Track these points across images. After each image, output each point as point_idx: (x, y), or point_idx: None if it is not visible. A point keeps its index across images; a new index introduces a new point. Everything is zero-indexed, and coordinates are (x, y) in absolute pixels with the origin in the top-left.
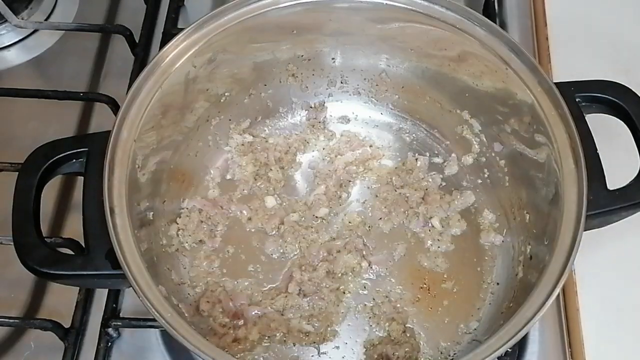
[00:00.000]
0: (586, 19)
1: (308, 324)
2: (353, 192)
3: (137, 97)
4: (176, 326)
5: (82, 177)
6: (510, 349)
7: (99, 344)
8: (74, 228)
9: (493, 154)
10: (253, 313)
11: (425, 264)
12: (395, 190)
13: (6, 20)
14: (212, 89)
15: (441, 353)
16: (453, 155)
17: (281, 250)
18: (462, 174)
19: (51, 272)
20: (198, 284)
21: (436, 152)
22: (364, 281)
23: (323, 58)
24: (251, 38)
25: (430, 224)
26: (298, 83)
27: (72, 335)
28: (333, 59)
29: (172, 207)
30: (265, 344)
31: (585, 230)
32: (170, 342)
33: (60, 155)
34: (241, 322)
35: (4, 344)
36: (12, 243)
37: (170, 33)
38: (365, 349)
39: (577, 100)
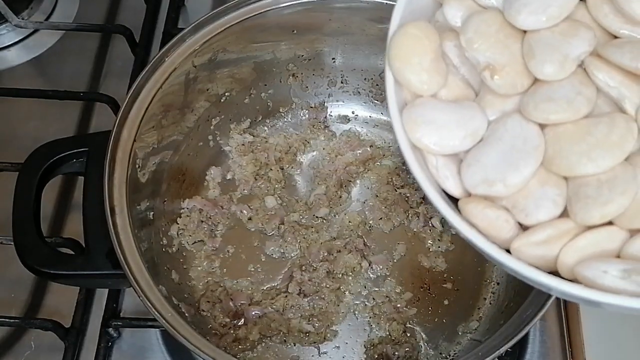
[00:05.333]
0: None
1: (308, 323)
2: (353, 192)
3: (137, 97)
4: (176, 326)
5: (83, 177)
6: (510, 348)
7: (99, 343)
8: (74, 228)
9: None
10: (253, 313)
11: (426, 264)
12: (396, 190)
13: (6, 20)
14: (212, 89)
15: (441, 353)
16: None
17: (281, 250)
18: None
19: (51, 272)
20: (198, 283)
21: None
22: (364, 281)
23: (323, 58)
24: (251, 38)
25: (430, 224)
26: (298, 83)
27: (72, 335)
28: (333, 59)
29: (173, 207)
30: (266, 344)
31: None
32: (170, 342)
33: (61, 155)
34: (241, 322)
35: (4, 344)
36: (12, 243)
37: (170, 33)
38: (365, 349)
39: None
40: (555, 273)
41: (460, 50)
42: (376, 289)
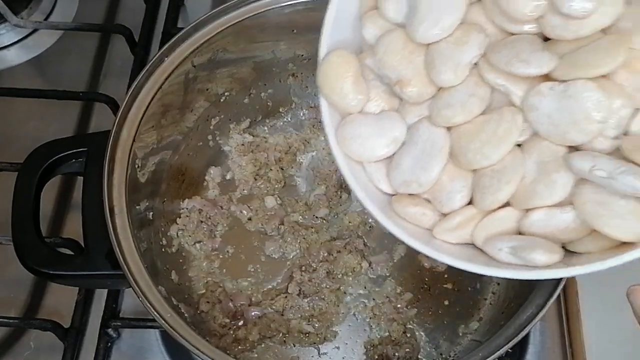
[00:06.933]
0: None
1: (308, 324)
2: (353, 192)
3: (137, 97)
4: (176, 327)
5: (82, 177)
6: (510, 349)
7: (98, 344)
8: (73, 228)
9: None
10: (253, 313)
11: (426, 264)
12: None
13: (6, 20)
14: (212, 89)
15: (441, 354)
16: None
17: (281, 251)
18: None
19: (51, 272)
20: (198, 284)
21: None
22: (364, 281)
23: None
24: (251, 37)
25: None
26: (298, 83)
27: (71, 336)
28: None
29: (172, 207)
30: (266, 345)
31: None
32: (170, 342)
33: (60, 155)
34: (241, 322)
35: (4, 344)
36: (11, 243)
37: (170, 33)
38: (365, 350)
39: None
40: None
41: None
42: (376, 290)
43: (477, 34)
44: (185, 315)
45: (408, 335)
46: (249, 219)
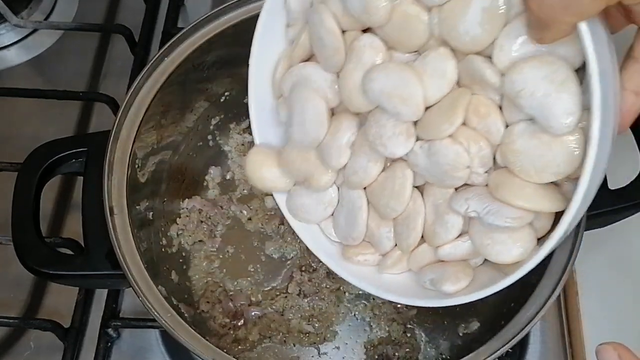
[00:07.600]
0: None
1: (308, 324)
2: None
3: (137, 97)
4: (176, 326)
5: (82, 177)
6: (511, 349)
7: (98, 344)
8: (73, 228)
9: None
10: (253, 313)
11: None
12: None
13: (6, 20)
14: (212, 89)
15: (441, 354)
16: None
17: (281, 251)
18: None
19: (51, 272)
20: (198, 284)
21: None
22: None
23: None
24: (251, 37)
25: None
26: None
27: (71, 336)
28: None
29: (172, 207)
30: (265, 345)
31: (586, 230)
32: (170, 342)
33: (60, 155)
34: (241, 322)
35: (4, 344)
36: (11, 243)
37: (169, 32)
38: (365, 349)
39: None
40: None
41: None
42: None
43: (346, 120)
44: (185, 315)
45: (408, 335)
46: (249, 219)
